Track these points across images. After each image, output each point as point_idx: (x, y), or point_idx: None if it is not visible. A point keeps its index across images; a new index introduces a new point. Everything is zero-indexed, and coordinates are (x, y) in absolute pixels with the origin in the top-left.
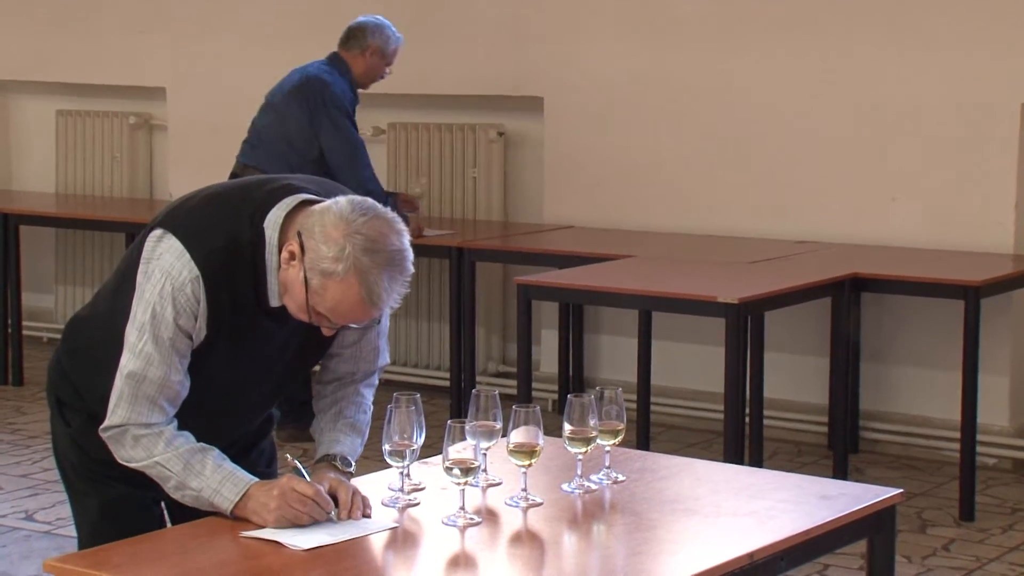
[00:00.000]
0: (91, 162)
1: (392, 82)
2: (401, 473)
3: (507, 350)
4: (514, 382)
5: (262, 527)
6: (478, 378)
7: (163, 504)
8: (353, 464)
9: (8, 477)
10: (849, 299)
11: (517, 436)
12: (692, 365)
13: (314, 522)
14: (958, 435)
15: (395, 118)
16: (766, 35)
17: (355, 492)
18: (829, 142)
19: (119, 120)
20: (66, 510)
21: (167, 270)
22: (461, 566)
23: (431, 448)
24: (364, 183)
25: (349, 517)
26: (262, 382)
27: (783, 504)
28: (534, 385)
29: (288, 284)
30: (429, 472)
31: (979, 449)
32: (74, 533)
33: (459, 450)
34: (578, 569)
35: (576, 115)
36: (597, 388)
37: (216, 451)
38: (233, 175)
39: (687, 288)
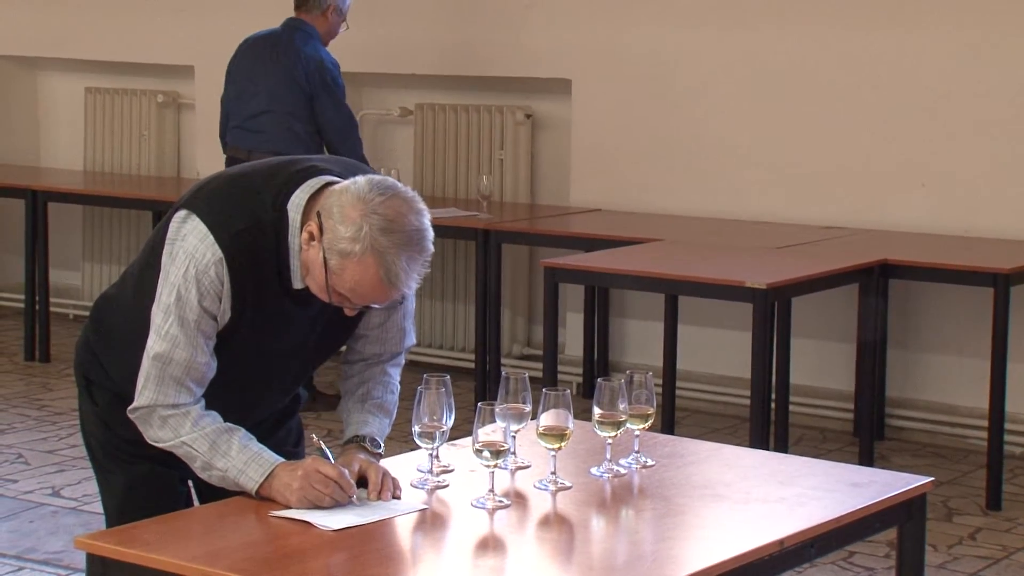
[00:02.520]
0: (119, 140)
1: (419, 63)
2: (430, 455)
3: (532, 333)
4: (539, 364)
5: (286, 507)
6: (503, 360)
7: (191, 483)
8: (382, 445)
9: (35, 453)
10: (877, 285)
11: (547, 419)
12: (718, 350)
13: (336, 504)
14: (985, 423)
15: (422, 99)
16: (795, 17)
17: (385, 473)
18: (858, 127)
19: (147, 98)
20: (93, 487)
21: (191, 252)
22: (489, 549)
23: (457, 430)
24: (359, 158)
25: (379, 499)
26: (289, 362)
27: (813, 491)
28: (559, 368)
29: (309, 264)
30: (458, 454)
31: (1006, 438)
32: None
33: (489, 432)
34: (606, 553)
35: (604, 98)
36: (627, 372)
37: (242, 431)
38: (234, 162)
39: (714, 273)
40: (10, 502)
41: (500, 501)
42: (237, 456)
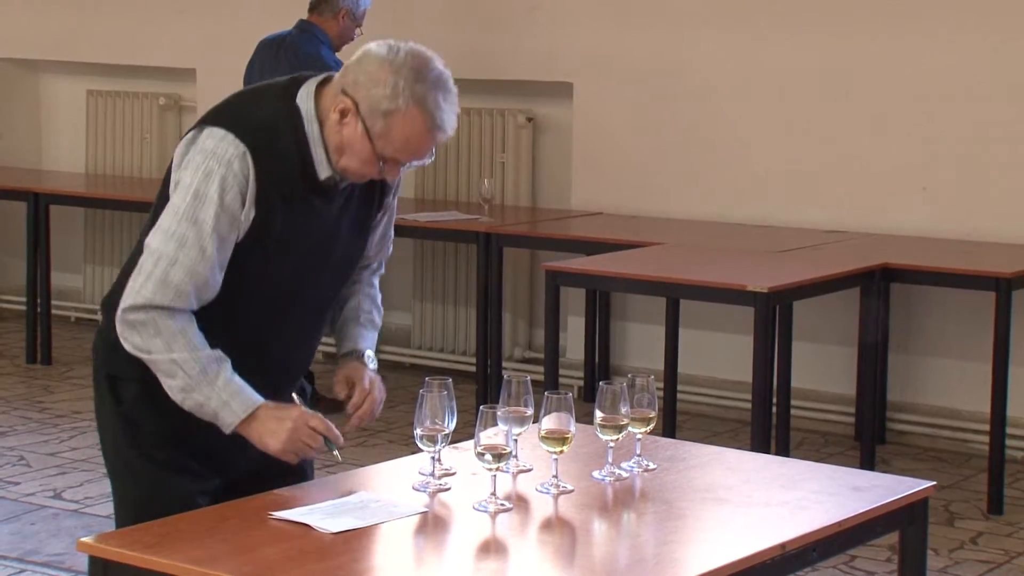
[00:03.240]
0: (121, 142)
1: None
2: (432, 458)
3: (533, 336)
4: (540, 368)
5: (267, 446)
6: (504, 364)
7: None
8: (376, 361)
9: (36, 455)
10: (878, 289)
11: (549, 423)
12: (719, 354)
13: (315, 456)
14: (987, 428)
15: None
16: (796, 21)
17: (373, 400)
18: (859, 131)
19: (149, 101)
20: (94, 489)
21: (210, 152)
22: (491, 552)
23: (459, 433)
24: None
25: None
26: (320, 273)
27: (815, 495)
28: (560, 372)
29: (347, 143)
30: (459, 457)
31: (1008, 442)
32: (102, 512)
33: (490, 436)
34: (608, 557)
35: (605, 101)
36: (629, 375)
37: (229, 363)
38: None
39: (716, 276)
40: (11, 504)
41: (502, 504)
42: (223, 387)
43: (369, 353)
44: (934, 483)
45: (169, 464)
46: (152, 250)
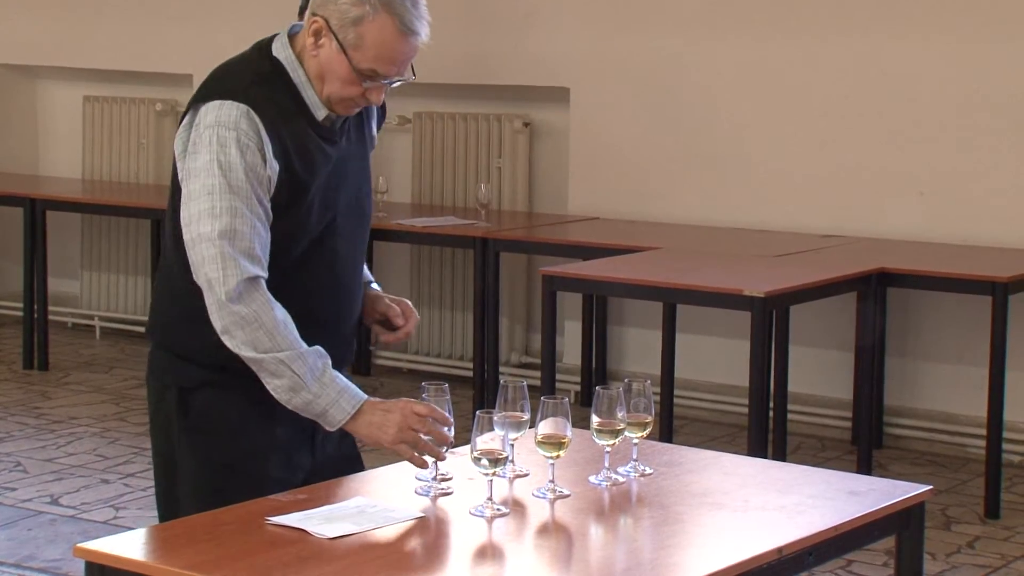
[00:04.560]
0: (118, 148)
1: (417, 71)
2: (434, 462)
3: (530, 341)
4: (537, 373)
5: (379, 441)
6: (501, 369)
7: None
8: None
9: (33, 461)
10: (875, 294)
11: (545, 427)
12: (716, 358)
13: (429, 446)
14: (983, 432)
15: (420, 107)
16: (793, 26)
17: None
18: (856, 135)
19: (146, 106)
20: (91, 494)
21: (214, 123)
22: (488, 557)
23: (456, 438)
24: None
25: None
26: (348, 220)
27: (812, 499)
28: (557, 376)
29: (325, 65)
30: (456, 462)
31: (1005, 446)
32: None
33: (487, 441)
34: (605, 561)
35: (602, 106)
36: (625, 380)
37: (330, 359)
38: None
39: (713, 281)
40: (8, 510)
41: (498, 509)
42: (330, 385)
43: (376, 282)
44: (931, 487)
45: (245, 484)
46: (206, 236)
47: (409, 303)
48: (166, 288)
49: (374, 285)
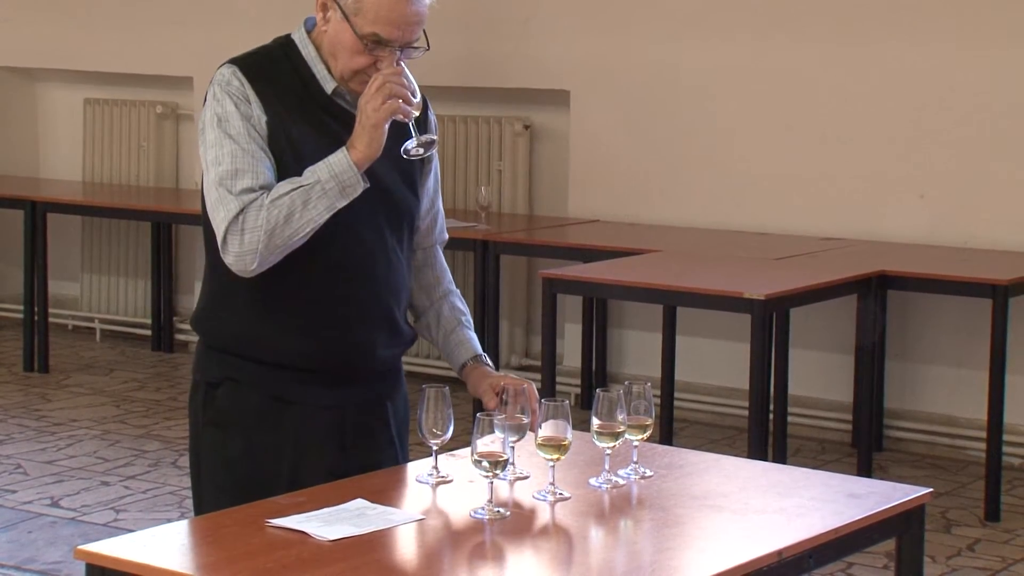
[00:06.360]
0: (118, 151)
1: (417, 74)
2: (434, 452)
3: (530, 343)
4: (537, 375)
5: (372, 118)
6: (501, 371)
7: None
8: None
9: (33, 464)
10: (875, 296)
11: (546, 430)
12: (716, 361)
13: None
14: (984, 435)
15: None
16: (794, 29)
17: (534, 395)
18: (856, 139)
19: (146, 109)
20: (92, 497)
21: (211, 84)
22: (488, 559)
23: (455, 440)
24: None
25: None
26: (365, 204)
27: (812, 502)
28: (557, 379)
29: (333, 39)
30: (456, 464)
31: (1005, 449)
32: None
33: (487, 443)
34: (605, 564)
35: (602, 109)
36: (626, 383)
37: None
38: None
39: (713, 284)
40: (9, 512)
41: (498, 512)
42: (312, 172)
43: (486, 355)
44: (931, 490)
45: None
46: (212, 181)
47: (530, 389)
48: (204, 276)
49: (485, 357)
